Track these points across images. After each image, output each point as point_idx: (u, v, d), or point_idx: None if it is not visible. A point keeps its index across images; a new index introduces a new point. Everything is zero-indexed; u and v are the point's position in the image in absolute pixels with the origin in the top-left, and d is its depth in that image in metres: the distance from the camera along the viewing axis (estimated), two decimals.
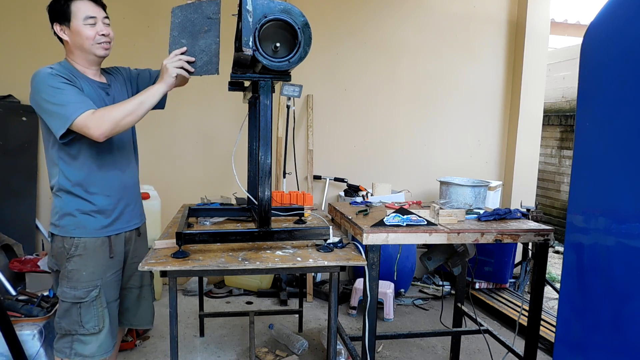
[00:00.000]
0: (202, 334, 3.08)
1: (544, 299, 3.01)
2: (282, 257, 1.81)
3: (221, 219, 2.37)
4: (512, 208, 2.29)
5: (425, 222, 1.99)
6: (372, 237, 1.89)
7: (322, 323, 3.34)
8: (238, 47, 1.75)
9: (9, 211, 3.46)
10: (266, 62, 1.69)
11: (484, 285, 3.94)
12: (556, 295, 3.71)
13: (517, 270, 4.14)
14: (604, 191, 1.40)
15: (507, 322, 3.38)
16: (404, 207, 2.25)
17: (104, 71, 1.91)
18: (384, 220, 1.98)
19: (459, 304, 2.79)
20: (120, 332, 2.15)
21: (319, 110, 4.10)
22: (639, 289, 1.27)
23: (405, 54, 4.22)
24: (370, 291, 1.92)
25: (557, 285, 3.49)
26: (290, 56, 1.71)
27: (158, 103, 2.02)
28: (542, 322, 2.90)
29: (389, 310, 3.44)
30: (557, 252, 5.63)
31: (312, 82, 4.00)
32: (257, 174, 1.88)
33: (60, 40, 1.77)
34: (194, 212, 2.34)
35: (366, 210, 2.31)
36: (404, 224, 1.96)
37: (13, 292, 2.72)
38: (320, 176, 4.10)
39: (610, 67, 1.37)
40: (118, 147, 1.87)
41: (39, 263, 3.08)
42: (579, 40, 1.75)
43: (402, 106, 4.28)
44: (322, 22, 3.96)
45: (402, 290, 3.83)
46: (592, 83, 1.45)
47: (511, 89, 4.43)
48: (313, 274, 3.89)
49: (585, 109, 1.48)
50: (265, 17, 1.66)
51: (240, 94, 2.36)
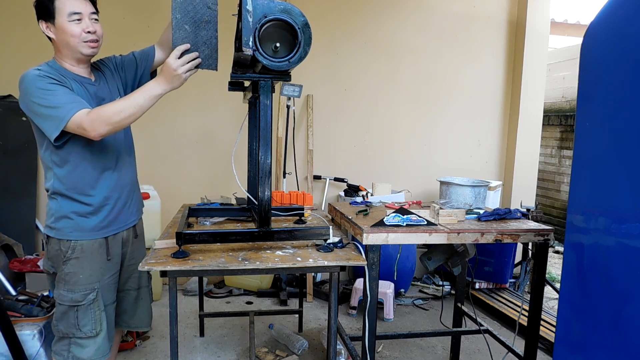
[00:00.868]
0: (202, 334, 3.08)
1: (544, 299, 3.02)
2: (282, 257, 1.81)
3: (221, 219, 2.37)
4: (512, 208, 2.29)
5: (425, 222, 1.99)
6: (372, 237, 1.89)
7: (322, 323, 3.34)
8: (238, 47, 1.75)
9: (9, 211, 3.46)
10: (266, 62, 1.69)
11: (484, 285, 3.94)
12: (556, 295, 3.71)
13: (517, 270, 4.14)
14: (604, 191, 1.40)
15: (507, 322, 3.37)
16: (404, 207, 2.25)
17: (92, 67, 1.83)
18: (384, 220, 1.98)
19: (459, 304, 2.79)
20: (120, 332, 2.14)
21: (319, 110, 4.10)
22: (639, 289, 1.27)
23: (405, 54, 4.22)
24: (370, 291, 1.92)
25: (557, 285, 3.48)
26: (290, 56, 1.71)
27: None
28: (542, 322, 2.90)
29: (389, 310, 3.44)
30: (557, 252, 5.63)
31: (312, 82, 4.00)
32: (257, 174, 1.88)
33: (50, 39, 1.70)
34: (194, 212, 2.34)
35: (366, 210, 2.31)
36: (404, 224, 1.96)
37: (13, 292, 2.72)
38: (320, 176, 4.10)
39: (610, 67, 1.37)
40: (112, 147, 1.81)
41: (39, 263, 3.08)
42: (579, 40, 1.75)
43: (402, 106, 4.28)
44: (322, 22, 3.96)
45: (402, 290, 3.83)
46: (592, 83, 1.45)
47: (511, 89, 4.43)
48: (313, 274, 3.89)
49: (585, 109, 1.48)
50: (265, 17, 1.65)
51: (240, 94, 2.36)
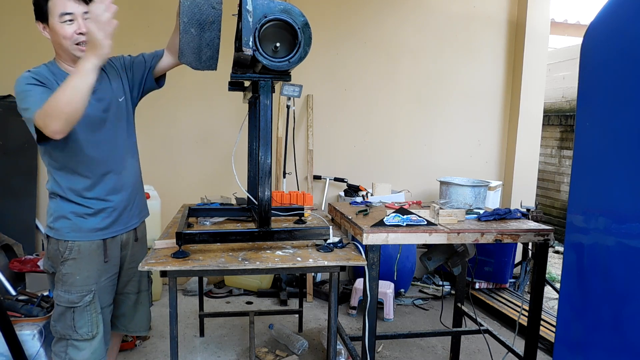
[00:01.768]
0: (202, 334, 3.08)
1: (544, 299, 3.01)
2: (282, 257, 1.81)
3: (221, 219, 2.37)
4: (512, 208, 2.29)
5: (425, 222, 1.99)
6: (372, 237, 1.89)
7: (322, 323, 3.33)
8: (238, 47, 1.75)
9: (9, 211, 3.46)
10: (266, 62, 1.69)
11: (484, 285, 3.94)
12: (556, 295, 3.71)
13: (517, 270, 4.14)
14: (604, 191, 1.40)
15: (507, 322, 3.37)
16: (404, 207, 2.25)
17: None
18: (384, 220, 1.98)
19: (459, 304, 2.79)
20: (120, 335, 2.14)
21: (319, 110, 4.10)
22: (639, 289, 1.27)
23: (405, 54, 4.22)
24: (370, 291, 1.92)
25: (557, 285, 3.49)
26: (290, 56, 1.71)
27: (157, 83, 1.94)
28: (542, 322, 2.90)
29: (389, 310, 3.44)
30: (557, 252, 5.63)
31: (312, 82, 4.00)
32: (257, 174, 1.87)
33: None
34: (194, 212, 2.34)
35: (366, 210, 2.31)
36: (404, 224, 1.96)
37: (13, 292, 2.72)
38: (320, 176, 4.09)
39: (610, 67, 1.37)
40: (112, 149, 1.78)
41: (39, 263, 3.08)
42: (579, 40, 1.75)
43: (402, 106, 4.28)
44: (322, 22, 3.96)
45: (402, 290, 3.83)
46: (592, 83, 1.45)
47: (511, 89, 4.43)
48: (313, 274, 3.89)
49: (585, 109, 1.48)
50: (265, 17, 1.65)
51: (240, 94, 2.36)
